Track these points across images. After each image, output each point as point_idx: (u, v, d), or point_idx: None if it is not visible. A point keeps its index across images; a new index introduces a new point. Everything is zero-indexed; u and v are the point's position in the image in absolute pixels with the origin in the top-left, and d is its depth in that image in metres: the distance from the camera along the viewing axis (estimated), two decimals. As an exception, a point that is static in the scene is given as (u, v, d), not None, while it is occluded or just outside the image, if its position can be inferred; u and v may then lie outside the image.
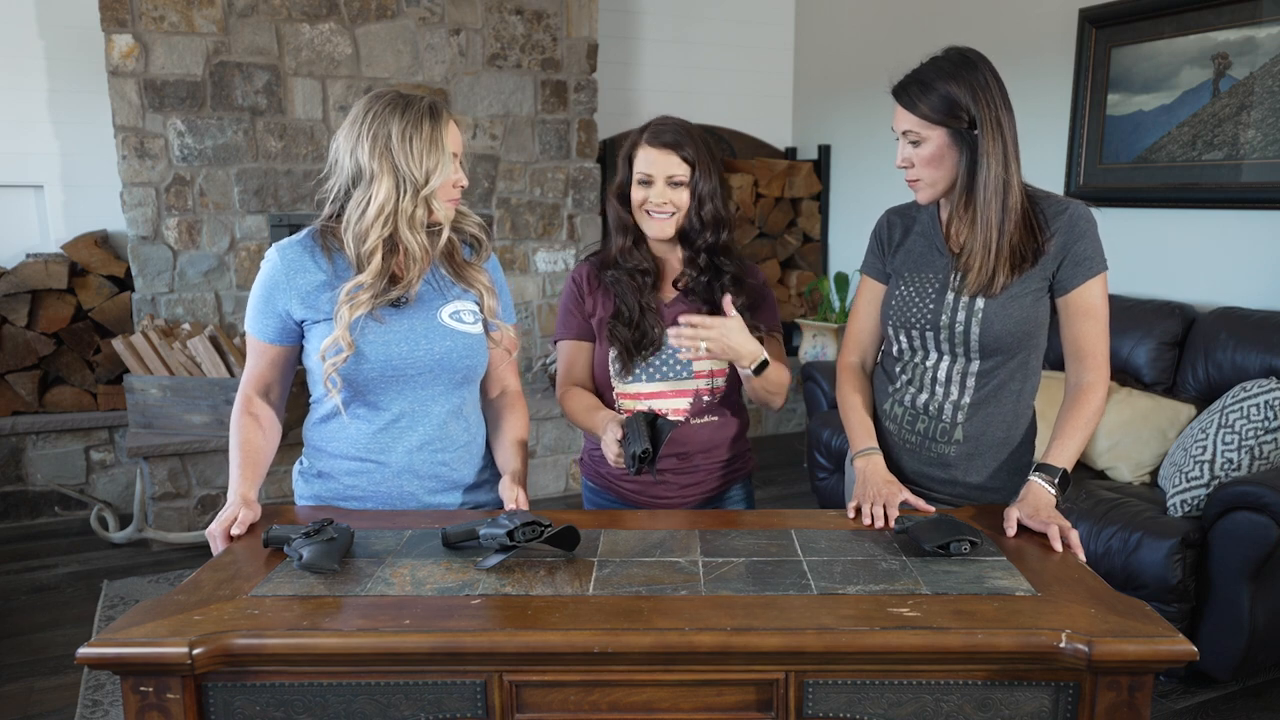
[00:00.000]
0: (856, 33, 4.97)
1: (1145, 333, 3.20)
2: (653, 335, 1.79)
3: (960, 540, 1.38)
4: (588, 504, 1.99)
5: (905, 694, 1.17)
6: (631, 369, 1.81)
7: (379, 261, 1.54)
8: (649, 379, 1.81)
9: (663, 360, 1.81)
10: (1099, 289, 1.61)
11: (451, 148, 1.58)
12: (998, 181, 1.57)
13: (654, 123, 1.78)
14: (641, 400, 1.82)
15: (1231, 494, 2.42)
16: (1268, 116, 3.09)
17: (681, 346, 1.66)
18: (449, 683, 1.17)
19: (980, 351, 1.65)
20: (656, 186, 1.74)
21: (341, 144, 1.57)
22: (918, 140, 1.60)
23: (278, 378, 1.66)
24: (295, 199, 4.02)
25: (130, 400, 3.64)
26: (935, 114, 1.57)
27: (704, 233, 1.77)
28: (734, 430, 1.87)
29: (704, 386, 1.82)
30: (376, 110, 1.54)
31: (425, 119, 1.54)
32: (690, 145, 1.74)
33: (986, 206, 1.58)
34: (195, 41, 3.75)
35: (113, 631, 1.15)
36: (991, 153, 1.56)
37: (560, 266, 4.61)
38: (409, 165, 1.52)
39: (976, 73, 1.57)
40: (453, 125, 1.59)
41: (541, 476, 4.30)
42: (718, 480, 1.87)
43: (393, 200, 1.53)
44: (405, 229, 1.55)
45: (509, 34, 4.27)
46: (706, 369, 1.81)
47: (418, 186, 1.54)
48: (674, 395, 1.81)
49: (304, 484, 1.70)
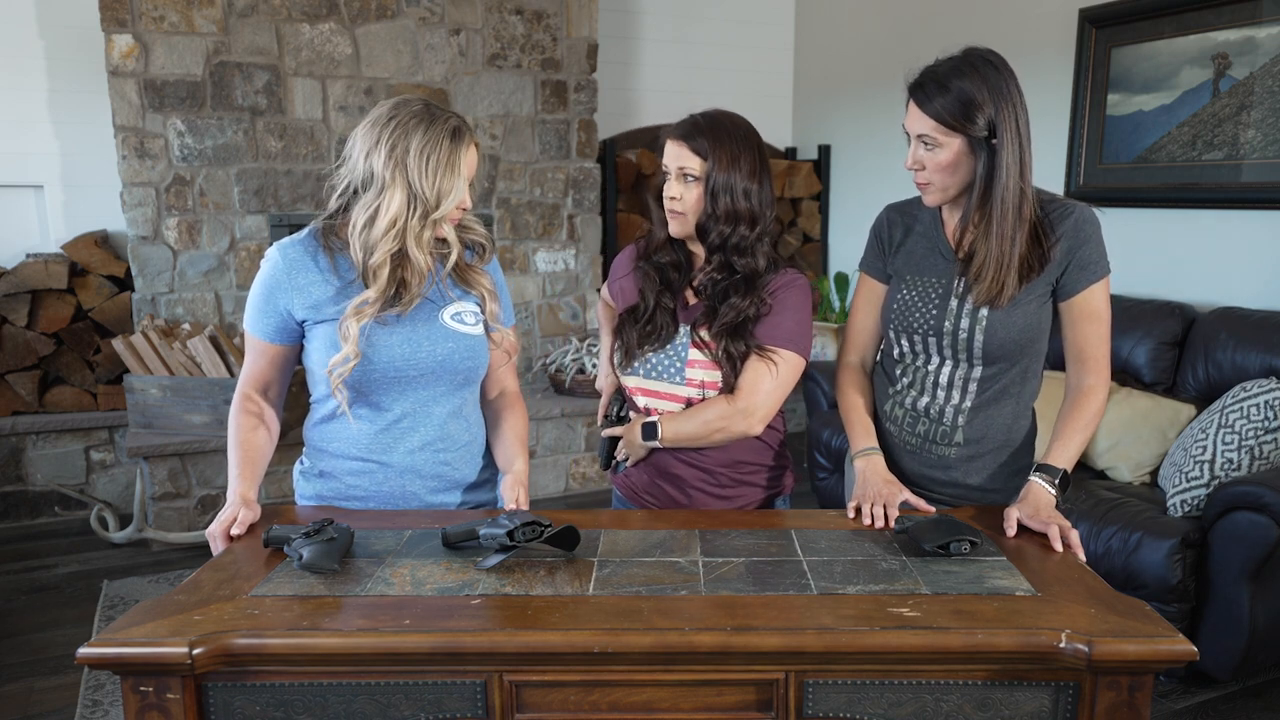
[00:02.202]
0: (856, 33, 4.97)
1: (1145, 333, 3.20)
2: (661, 333, 1.74)
3: (960, 540, 1.38)
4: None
5: (905, 694, 1.17)
6: (630, 362, 1.79)
7: (387, 276, 1.53)
8: (645, 375, 1.78)
9: (659, 359, 1.76)
10: (1102, 293, 1.59)
11: (467, 173, 1.55)
12: (1015, 192, 1.52)
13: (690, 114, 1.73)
14: (638, 396, 1.80)
15: (1231, 494, 2.42)
16: (1268, 116, 3.09)
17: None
18: (449, 683, 1.17)
19: (983, 358, 1.64)
20: (670, 180, 1.71)
21: (359, 142, 1.54)
22: (933, 145, 1.54)
23: (277, 377, 1.66)
24: (295, 199, 4.02)
25: (130, 400, 3.64)
26: (955, 121, 1.51)
27: (718, 228, 1.68)
28: (754, 444, 1.78)
29: (695, 395, 1.74)
30: (401, 119, 1.51)
31: (446, 139, 1.51)
32: (704, 137, 1.66)
33: (1003, 219, 1.53)
34: (195, 41, 3.75)
35: (113, 631, 1.15)
36: (1010, 163, 1.51)
37: (560, 266, 4.61)
38: (422, 183, 1.50)
39: (999, 78, 1.51)
40: (473, 150, 1.57)
41: (541, 476, 4.29)
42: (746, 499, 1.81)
43: (404, 216, 1.51)
44: (413, 246, 1.53)
45: (509, 34, 4.27)
46: (699, 378, 1.73)
47: (428, 208, 1.51)
48: (668, 398, 1.77)
49: (305, 483, 1.70)
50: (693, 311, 1.76)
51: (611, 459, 1.89)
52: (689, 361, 1.73)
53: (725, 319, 1.69)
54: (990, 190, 1.54)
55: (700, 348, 1.72)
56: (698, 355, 1.72)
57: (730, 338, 1.69)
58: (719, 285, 1.71)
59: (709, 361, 1.71)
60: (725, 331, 1.69)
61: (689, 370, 1.73)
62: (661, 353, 1.76)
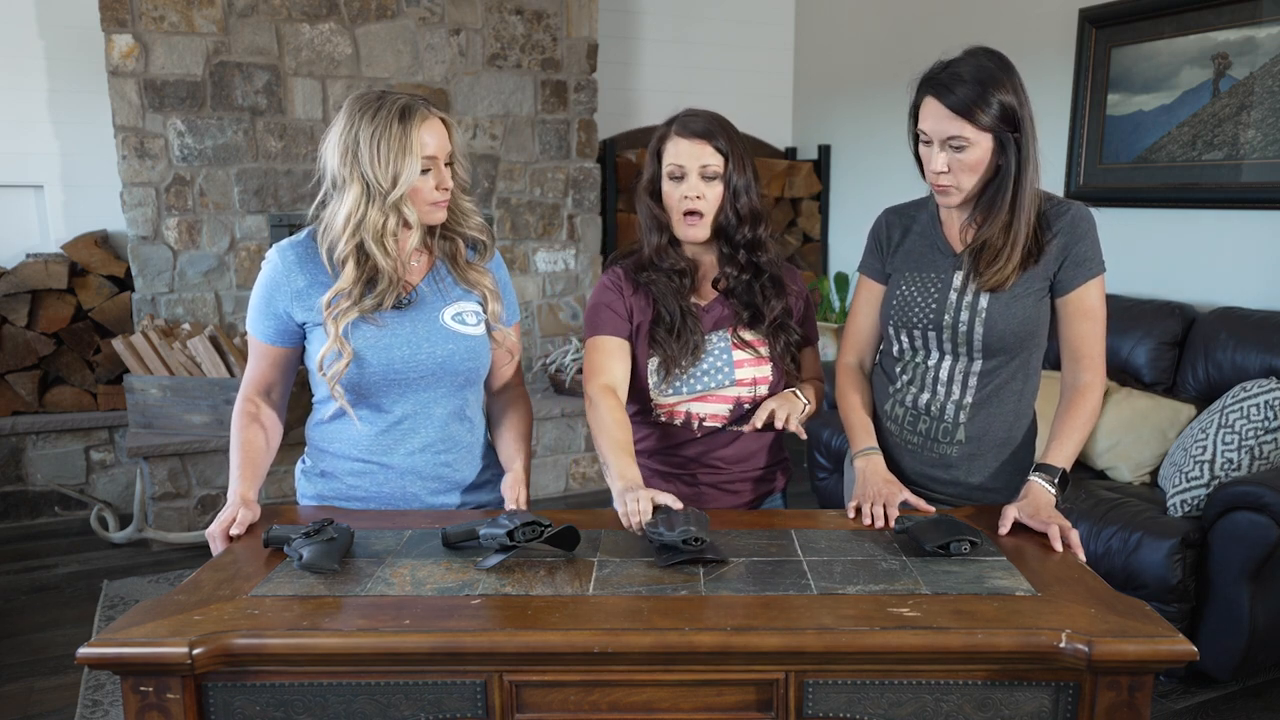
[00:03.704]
0: (856, 33, 4.97)
1: (1145, 333, 3.20)
2: (694, 341, 1.70)
3: (960, 540, 1.38)
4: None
5: (905, 694, 1.17)
6: (673, 380, 1.72)
7: (352, 269, 1.51)
8: (690, 390, 1.73)
9: (703, 370, 1.72)
10: (1097, 290, 1.61)
11: (430, 149, 1.50)
12: (1035, 186, 1.56)
13: (682, 114, 1.70)
14: (681, 405, 1.74)
15: (1231, 494, 2.42)
16: (1268, 116, 3.09)
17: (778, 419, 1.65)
18: (449, 683, 1.17)
19: (983, 351, 1.65)
20: (690, 180, 1.66)
21: (326, 149, 1.54)
22: (963, 145, 1.53)
23: (279, 378, 1.66)
24: (295, 199, 4.02)
25: (130, 400, 3.64)
26: (988, 118, 1.51)
27: (741, 228, 1.69)
28: (770, 438, 1.80)
29: (746, 394, 1.73)
30: (352, 113, 1.50)
31: (395, 120, 1.47)
32: (723, 136, 1.66)
33: (1025, 211, 1.56)
34: (195, 41, 3.75)
35: (113, 631, 1.15)
36: (1031, 157, 1.55)
37: (560, 266, 4.61)
38: (375, 170, 1.47)
39: (1015, 74, 1.54)
40: (434, 124, 1.51)
41: (541, 476, 4.30)
42: (751, 494, 1.82)
43: (360, 209, 1.49)
44: (372, 242, 1.50)
45: (509, 34, 4.27)
46: (749, 376, 1.73)
47: (384, 192, 1.48)
48: (715, 401, 1.74)
49: (307, 483, 1.70)
50: (711, 315, 1.76)
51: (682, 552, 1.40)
52: (736, 362, 1.74)
53: (774, 317, 1.75)
54: (1020, 183, 1.55)
55: (741, 347, 1.75)
56: (742, 355, 1.75)
57: (780, 333, 1.76)
58: (748, 284, 1.75)
59: (755, 359, 1.75)
60: (774, 328, 1.75)
61: (738, 371, 1.74)
62: (701, 364, 1.73)
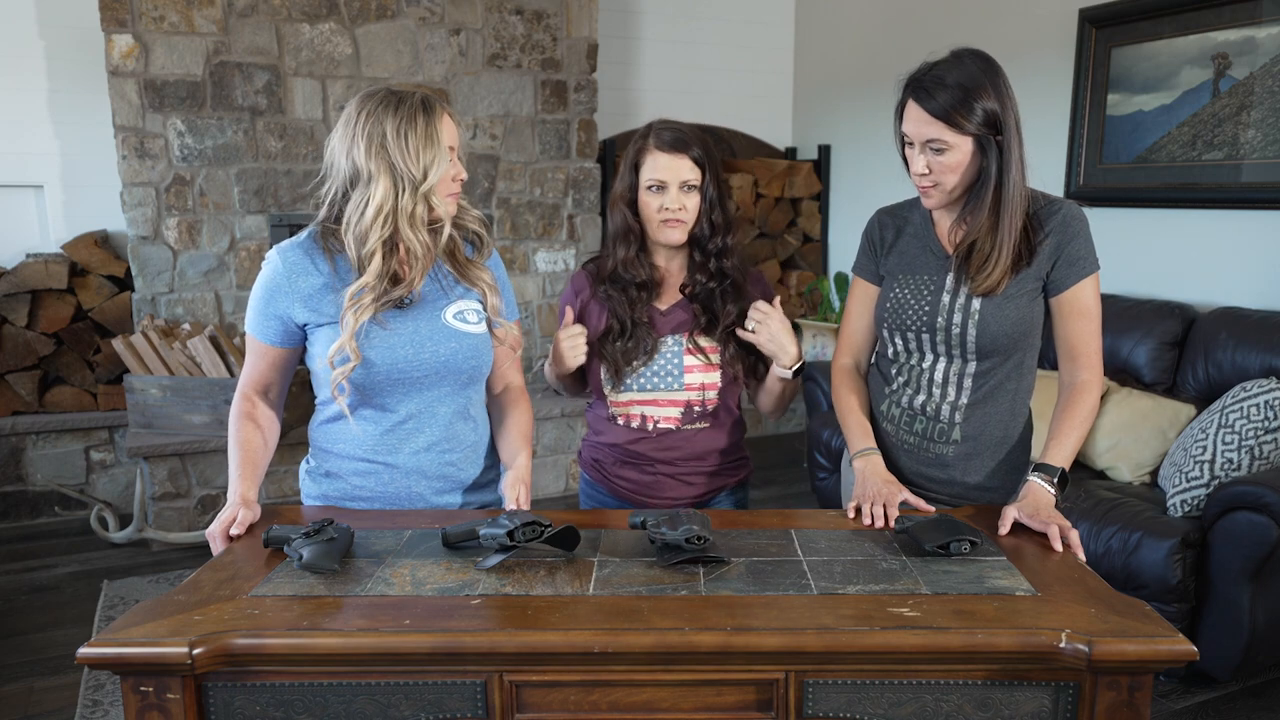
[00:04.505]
0: (856, 33, 4.97)
1: (1145, 333, 3.20)
2: (645, 346, 1.80)
3: (960, 540, 1.38)
4: (584, 497, 2.00)
5: (905, 694, 1.17)
6: (621, 381, 1.82)
7: (379, 262, 1.53)
8: (640, 389, 1.83)
9: (654, 371, 1.82)
10: (1091, 289, 1.62)
11: (448, 141, 1.56)
12: (1020, 187, 1.56)
13: (656, 126, 1.77)
14: (634, 407, 1.84)
15: (1231, 494, 2.42)
16: (1268, 116, 3.09)
17: (752, 322, 1.74)
18: (449, 683, 1.17)
19: (977, 353, 1.65)
20: (670, 192, 1.73)
21: (336, 146, 1.55)
22: (943, 148, 1.54)
23: (277, 378, 1.66)
24: (295, 199, 4.02)
25: (130, 400, 3.64)
26: (969, 122, 1.52)
27: (714, 237, 1.78)
28: (724, 441, 1.87)
29: (695, 398, 1.83)
30: (369, 109, 1.52)
31: (419, 114, 1.52)
32: (698, 147, 1.74)
33: (1011, 213, 1.56)
34: (195, 41, 3.75)
35: (113, 631, 1.15)
36: (1015, 160, 1.55)
37: (560, 266, 4.61)
38: (405, 162, 1.51)
39: (999, 77, 1.54)
40: (448, 118, 1.57)
41: (541, 476, 4.30)
42: (705, 486, 1.88)
43: (391, 199, 1.52)
44: (406, 227, 1.54)
45: (509, 34, 4.27)
46: (698, 381, 1.82)
47: (416, 183, 1.52)
48: (666, 404, 1.83)
49: (311, 483, 1.70)
50: (671, 319, 1.82)
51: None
52: (687, 368, 1.81)
53: (729, 321, 1.79)
54: (1003, 185, 1.56)
55: (694, 353, 1.81)
56: (693, 360, 1.81)
57: (732, 338, 1.81)
58: (710, 290, 1.81)
59: (705, 364, 1.82)
60: (727, 333, 1.80)
61: (687, 375, 1.81)
62: (653, 364, 1.81)
